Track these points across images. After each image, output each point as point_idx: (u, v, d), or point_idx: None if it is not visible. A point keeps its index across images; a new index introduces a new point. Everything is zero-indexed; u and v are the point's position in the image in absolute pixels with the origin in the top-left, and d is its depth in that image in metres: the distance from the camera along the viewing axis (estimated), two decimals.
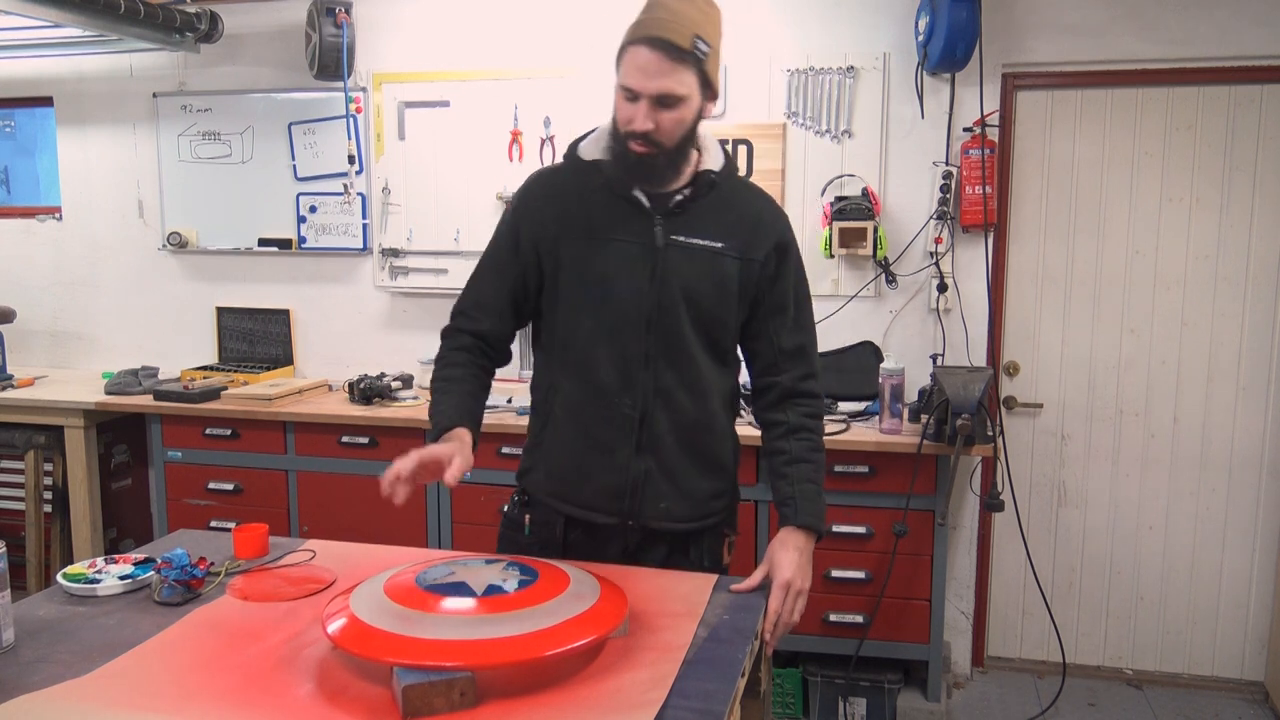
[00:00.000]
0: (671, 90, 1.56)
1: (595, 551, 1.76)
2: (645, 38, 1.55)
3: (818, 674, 3.04)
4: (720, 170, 1.73)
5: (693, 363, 1.71)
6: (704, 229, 1.69)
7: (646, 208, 1.68)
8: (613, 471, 1.72)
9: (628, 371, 1.69)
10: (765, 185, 3.30)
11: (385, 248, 3.71)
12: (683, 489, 1.74)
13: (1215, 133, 3.16)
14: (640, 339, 1.68)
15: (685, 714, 1.23)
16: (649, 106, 1.57)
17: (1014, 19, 3.18)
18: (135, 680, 1.31)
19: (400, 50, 3.62)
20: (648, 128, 1.58)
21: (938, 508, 2.87)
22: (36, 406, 3.53)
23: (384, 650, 1.25)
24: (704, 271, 1.69)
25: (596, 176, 1.70)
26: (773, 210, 1.79)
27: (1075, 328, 3.32)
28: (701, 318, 1.70)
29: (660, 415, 1.70)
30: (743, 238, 1.71)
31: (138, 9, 3.29)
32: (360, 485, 3.24)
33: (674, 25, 1.55)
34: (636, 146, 1.60)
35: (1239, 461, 3.26)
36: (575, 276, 1.71)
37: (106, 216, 4.03)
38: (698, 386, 1.72)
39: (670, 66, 1.55)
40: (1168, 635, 3.37)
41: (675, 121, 1.60)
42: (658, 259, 1.67)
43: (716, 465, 1.78)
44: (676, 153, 1.64)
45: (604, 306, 1.69)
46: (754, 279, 1.73)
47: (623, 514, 1.74)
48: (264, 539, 1.86)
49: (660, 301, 1.67)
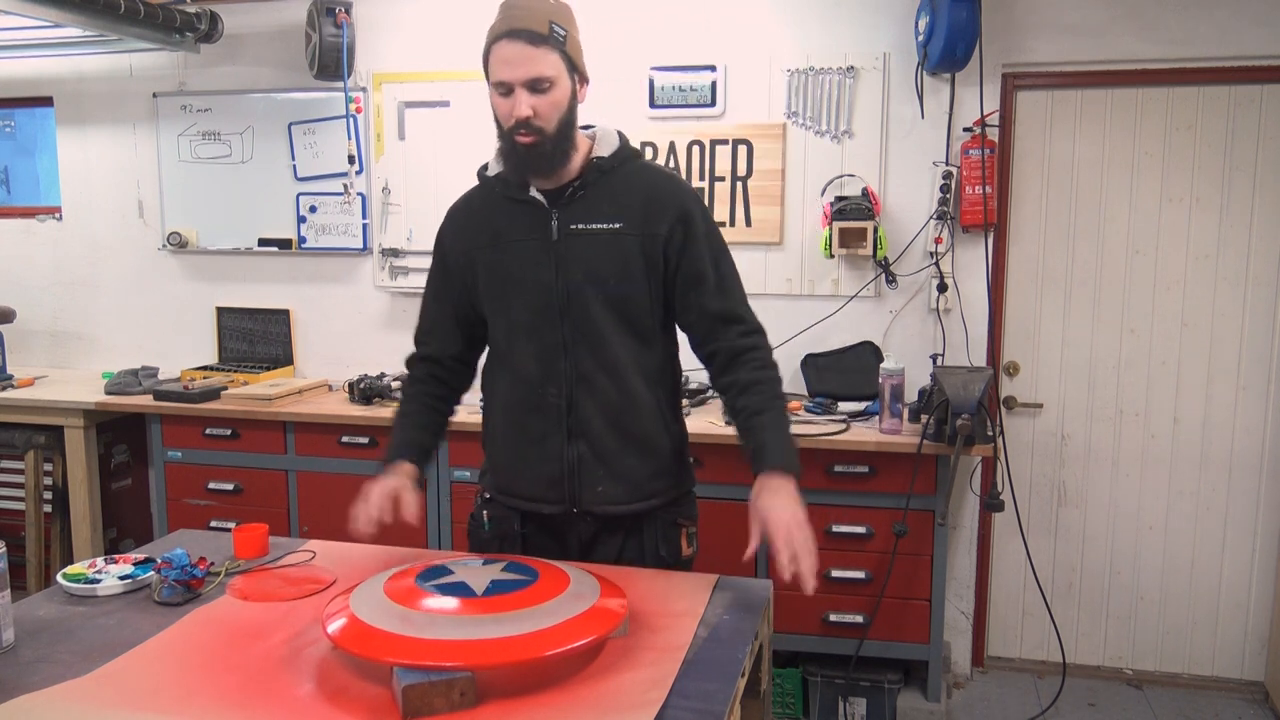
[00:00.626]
0: (540, 73, 1.64)
1: (552, 544, 1.82)
2: (505, 32, 1.64)
3: (818, 674, 3.04)
4: (611, 155, 1.77)
5: (608, 345, 1.75)
6: (599, 213, 1.74)
7: (543, 204, 1.75)
8: (548, 460, 1.78)
9: (548, 361, 1.75)
10: (765, 185, 3.35)
11: (385, 248, 3.71)
12: (616, 471, 1.77)
13: (1215, 133, 3.16)
14: (555, 329, 1.75)
15: (685, 714, 1.23)
16: (523, 93, 1.64)
17: (1014, 19, 3.18)
18: (135, 680, 1.31)
19: (400, 50, 3.62)
20: (526, 113, 1.64)
21: (938, 508, 2.87)
22: (36, 406, 3.53)
23: (384, 650, 1.25)
24: (605, 253, 1.73)
25: (498, 188, 1.80)
26: (670, 185, 1.81)
27: (1075, 328, 3.32)
28: (610, 299, 1.73)
29: (585, 400, 1.75)
30: (640, 213, 1.74)
31: (138, 9, 3.29)
32: (360, 485, 3.22)
33: (528, 16, 1.64)
34: (522, 138, 1.66)
35: (1239, 461, 3.26)
36: (490, 282, 1.79)
37: (106, 216, 4.03)
38: (617, 368, 1.75)
39: (534, 52, 1.63)
40: (1168, 635, 3.37)
41: (551, 105, 1.66)
42: (557, 250, 1.74)
43: (649, 445, 1.80)
44: (561, 138, 1.69)
45: (517, 303, 1.77)
46: (659, 253, 1.75)
47: (564, 501, 1.78)
48: (264, 539, 1.86)
49: (568, 289, 1.73)
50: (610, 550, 1.81)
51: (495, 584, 1.40)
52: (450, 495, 3.18)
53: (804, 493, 2.93)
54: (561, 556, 1.77)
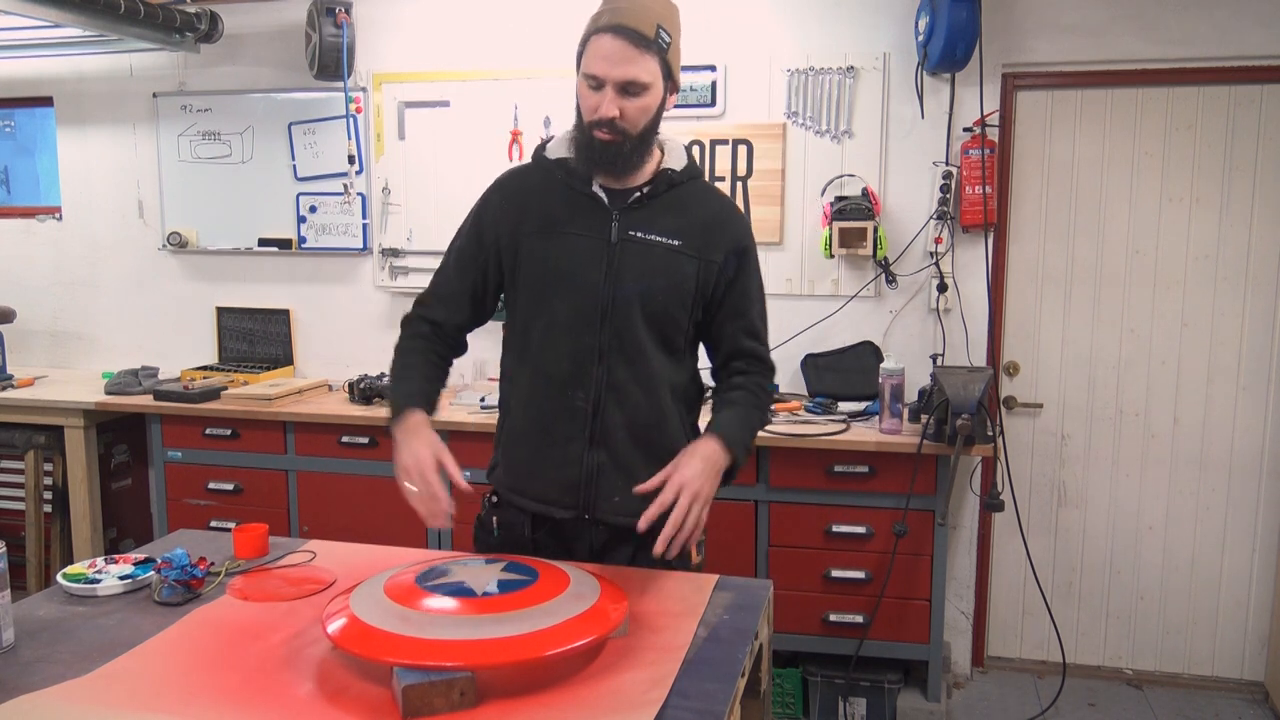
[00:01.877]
0: (636, 77, 1.60)
1: (562, 551, 1.78)
2: (609, 26, 1.60)
3: (818, 674, 3.04)
4: (681, 170, 1.75)
5: (645, 358, 1.72)
6: (661, 226, 1.71)
7: (605, 203, 1.71)
8: (566, 465, 1.74)
9: (581, 365, 1.71)
10: (765, 185, 3.35)
11: (385, 248, 3.71)
12: (635, 482, 1.72)
13: (1215, 133, 3.16)
14: (594, 333, 1.70)
15: (685, 714, 1.23)
16: (614, 93, 1.61)
17: (1014, 19, 3.18)
18: (135, 680, 1.31)
19: (400, 50, 3.62)
20: (613, 113, 1.61)
21: (938, 508, 2.87)
22: (36, 406, 3.53)
23: (384, 650, 1.25)
24: (659, 268, 1.70)
25: (559, 174, 1.74)
26: (732, 213, 1.81)
27: (1075, 328, 3.32)
28: (655, 314, 1.71)
29: (613, 409, 1.72)
30: (700, 238, 1.73)
31: (138, 9, 3.29)
32: (360, 485, 3.24)
33: (637, 14, 1.60)
34: (601, 135, 1.63)
35: (1239, 461, 3.26)
36: (533, 270, 1.73)
37: (106, 216, 4.03)
38: (650, 382, 1.73)
39: (635, 54, 1.59)
40: (1168, 635, 3.37)
41: (639, 109, 1.63)
42: (613, 253, 1.69)
43: (669, 460, 1.76)
44: (640, 142, 1.67)
45: (559, 300, 1.71)
46: (712, 280, 1.74)
47: (578, 507, 1.75)
48: (264, 539, 1.86)
49: (615, 296, 1.69)
50: (620, 559, 1.78)
51: (495, 584, 1.40)
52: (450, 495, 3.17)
53: (804, 492, 2.93)
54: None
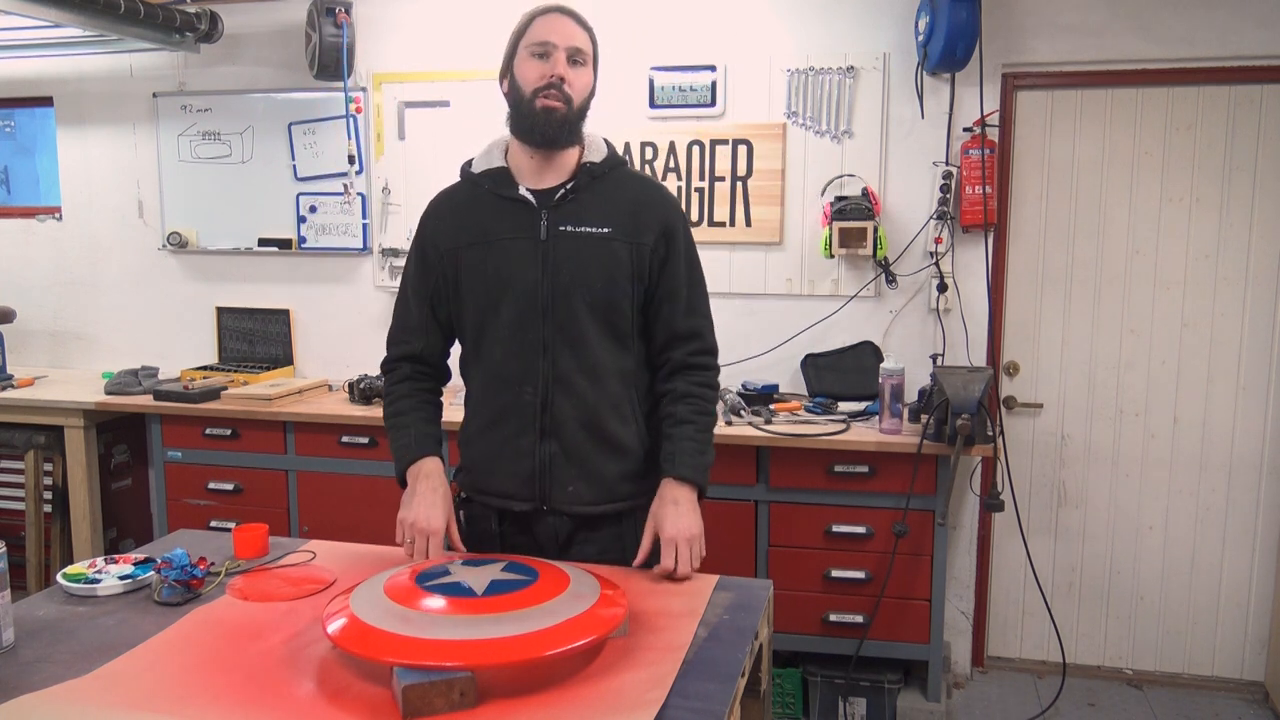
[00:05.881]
0: (582, 46, 1.74)
1: (529, 543, 1.82)
2: (555, 7, 1.76)
3: (818, 674, 3.04)
4: (601, 161, 1.81)
5: (589, 347, 1.76)
6: (589, 217, 1.77)
7: (532, 203, 1.77)
8: (520, 457, 1.79)
9: (527, 360, 1.76)
10: (765, 185, 3.35)
11: (385, 248, 3.71)
12: (587, 471, 1.79)
13: (1215, 133, 3.16)
14: (537, 328, 1.76)
15: (685, 714, 1.23)
16: (563, 57, 1.72)
17: (1014, 19, 3.18)
18: (135, 680, 1.31)
19: (400, 50, 3.62)
20: (564, 72, 1.71)
21: (938, 508, 2.87)
22: (36, 406, 3.53)
23: (384, 650, 1.25)
24: (593, 257, 1.75)
25: (485, 184, 1.82)
26: (658, 195, 1.85)
27: (1075, 328, 3.32)
28: (596, 302, 1.76)
29: (561, 401, 1.76)
30: (629, 221, 1.78)
31: (138, 9, 3.29)
32: (360, 485, 3.24)
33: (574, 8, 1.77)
34: (548, 101, 1.72)
35: (1239, 462, 3.26)
36: (474, 279, 1.80)
37: (106, 216, 4.03)
38: (596, 371, 1.77)
39: (579, 31, 1.75)
40: (1168, 635, 3.37)
41: (582, 81, 1.75)
42: (546, 250, 1.75)
43: (621, 447, 1.81)
44: (578, 118, 1.76)
45: (502, 302, 1.77)
46: (645, 262, 1.78)
47: (535, 499, 1.79)
48: (264, 539, 1.86)
49: (554, 290, 1.75)
50: (589, 550, 1.81)
51: (495, 584, 1.40)
52: None
53: (803, 492, 2.93)
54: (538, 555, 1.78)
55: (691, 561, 1.69)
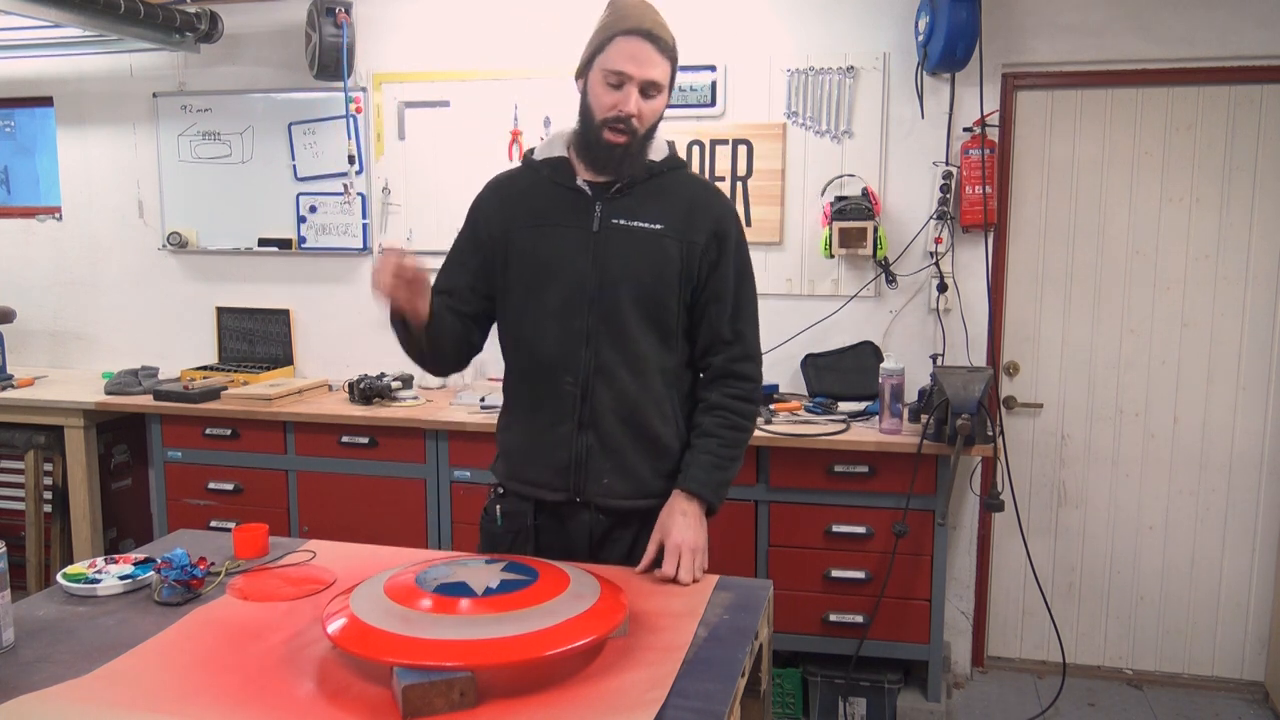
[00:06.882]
0: (657, 80, 1.70)
1: (564, 538, 1.82)
2: (639, 29, 1.68)
3: (818, 674, 3.04)
4: (661, 160, 1.81)
5: (633, 341, 1.76)
6: (643, 212, 1.77)
7: (588, 194, 1.77)
8: (557, 447, 1.78)
9: (569, 348, 1.76)
10: (765, 185, 3.35)
11: (385, 248, 3.71)
12: (623, 465, 1.79)
13: (1215, 133, 3.16)
14: (582, 317, 1.75)
15: (685, 714, 1.23)
16: (635, 91, 1.69)
17: (1014, 19, 3.18)
18: (135, 680, 1.31)
19: (400, 50, 3.62)
20: (634, 110, 1.69)
21: (938, 508, 2.87)
22: (36, 406, 3.53)
23: (384, 650, 1.25)
24: (644, 251, 1.75)
25: (545, 172, 1.82)
26: (712, 197, 1.85)
27: (1075, 328, 3.32)
28: (642, 297, 1.76)
29: (601, 392, 1.76)
30: (683, 220, 1.78)
31: (138, 9, 3.29)
32: (360, 485, 3.24)
33: (659, 24, 1.71)
34: (613, 136, 1.71)
35: (1239, 461, 3.26)
36: (522, 263, 1.79)
37: (106, 216, 4.03)
38: (638, 365, 1.77)
39: (658, 58, 1.70)
40: (1168, 635, 3.37)
41: (652, 111, 1.73)
42: (597, 241, 1.75)
43: (658, 444, 1.81)
44: (644, 142, 1.75)
45: (549, 288, 1.77)
46: (696, 261, 1.78)
47: (568, 490, 1.79)
48: (264, 539, 1.86)
49: (601, 281, 1.75)
50: (622, 546, 1.82)
51: (495, 584, 1.40)
52: (450, 495, 3.18)
53: (804, 492, 2.93)
54: (572, 550, 1.79)
55: (693, 572, 1.69)
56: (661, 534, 1.73)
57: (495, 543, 1.87)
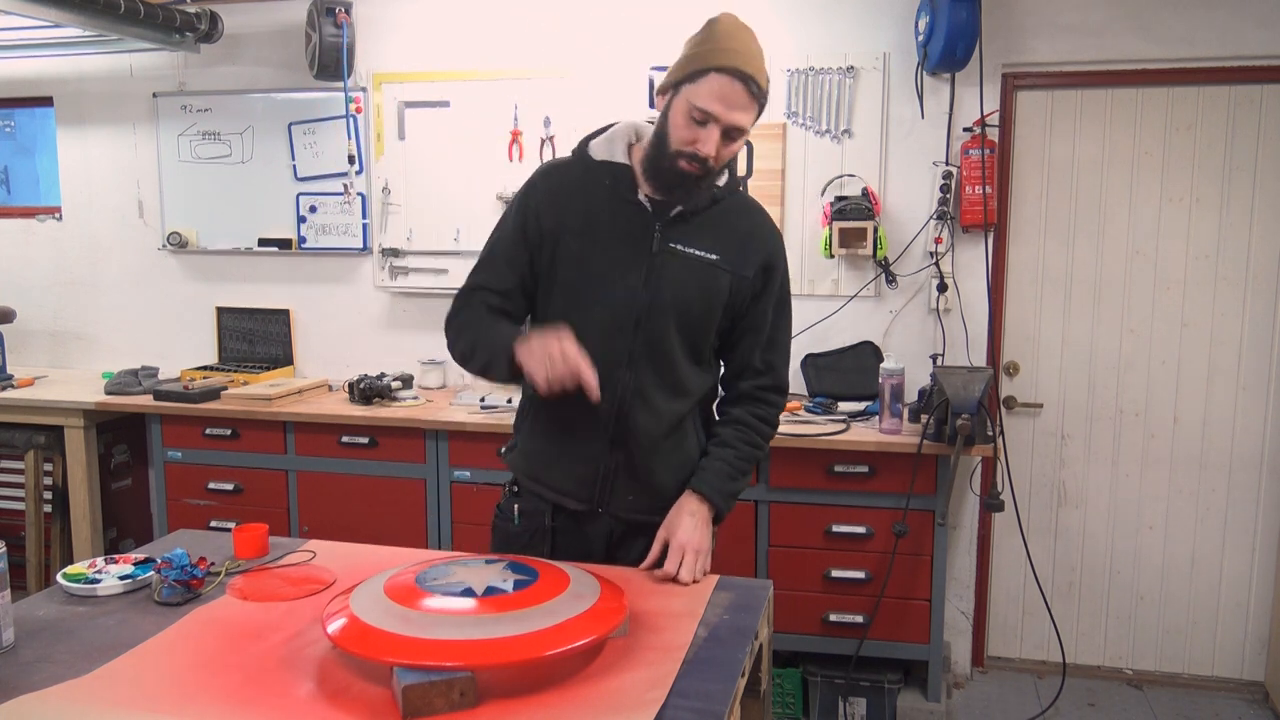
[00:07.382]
0: (742, 125, 1.63)
1: (581, 541, 1.81)
2: (736, 70, 1.60)
3: (818, 674, 3.04)
4: (724, 186, 1.77)
5: (675, 366, 1.75)
6: (700, 240, 1.73)
7: (649, 212, 1.72)
8: (584, 461, 1.77)
9: (609, 369, 1.70)
10: (765, 185, 3.35)
11: (385, 248, 3.71)
12: (650, 484, 1.78)
13: (1215, 133, 3.16)
14: (627, 338, 1.72)
15: (685, 714, 1.23)
16: (716, 133, 1.61)
17: (1014, 19, 3.18)
18: (135, 680, 1.31)
19: (400, 50, 3.62)
20: (711, 153, 1.62)
21: (938, 508, 2.87)
22: (36, 406, 3.53)
23: (384, 650, 1.25)
24: (697, 281, 1.73)
25: (604, 177, 1.74)
26: (767, 230, 1.83)
27: (1075, 328, 3.32)
28: (688, 324, 1.74)
29: (637, 413, 1.74)
30: (737, 252, 1.75)
31: (138, 9, 3.29)
32: (360, 485, 3.24)
33: (756, 63, 1.64)
34: (686, 165, 1.64)
35: (1239, 461, 3.26)
36: (572, 272, 1.73)
37: (106, 216, 4.03)
38: (677, 389, 1.76)
39: (748, 102, 1.62)
40: (1168, 635, 3.37)
41: (730, 153, 1.67)
42: (653, 263, 1.71)
43: (686, 464, 1.81)
44: (712, 178, 1.70)
45: (596, 304, 1.72)
46: (742, 293, 1.77)
47: (591, 502, 1.79)
48: (264, 539, 1.86)
49: (651, 305, 1.71)
50: (639, 550, 1.80)
51: (495, 584, 1.40)
52: (450, 495, 3.18)
53: (804, 492, 2.93)
54: (589, 553, 1.79)
55: (694, 573, 1.69)
56: (667, 532, 1.73)
57: (510, 542, 1.84)
